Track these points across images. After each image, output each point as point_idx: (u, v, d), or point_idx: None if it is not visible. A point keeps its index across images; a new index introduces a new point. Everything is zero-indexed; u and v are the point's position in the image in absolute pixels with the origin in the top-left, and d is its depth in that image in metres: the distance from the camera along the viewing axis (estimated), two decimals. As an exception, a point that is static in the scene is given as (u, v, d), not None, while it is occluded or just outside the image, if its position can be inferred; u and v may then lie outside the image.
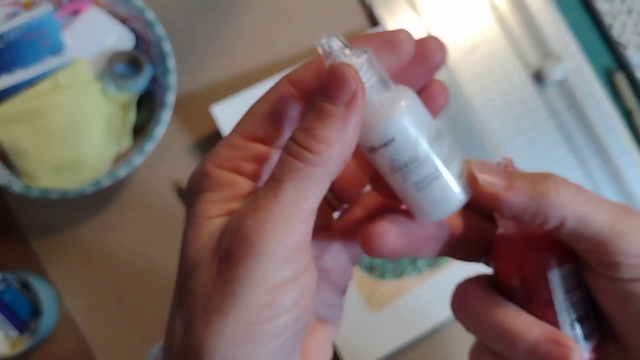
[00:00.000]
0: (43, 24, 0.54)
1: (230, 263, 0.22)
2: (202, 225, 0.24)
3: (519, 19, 0.65)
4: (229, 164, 0.25)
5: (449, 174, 0.25)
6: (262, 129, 0.25)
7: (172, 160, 0.59)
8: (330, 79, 0.23)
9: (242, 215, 0.23)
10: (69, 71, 0.54)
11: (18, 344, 0.55)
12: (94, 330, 0.58)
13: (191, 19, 0.62)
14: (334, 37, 0.24)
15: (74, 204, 0.58)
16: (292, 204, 0.23)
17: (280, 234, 0.22)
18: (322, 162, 0.23)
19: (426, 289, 0.59)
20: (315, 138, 0.23)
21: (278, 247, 0.22)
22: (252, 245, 0.22)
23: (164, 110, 0.53)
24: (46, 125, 0.54)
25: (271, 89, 0.26)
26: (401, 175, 0.25)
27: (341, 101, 0.23)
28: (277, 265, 0.22)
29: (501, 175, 0.25)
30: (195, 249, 0.24)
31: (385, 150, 0.24)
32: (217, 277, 0.23)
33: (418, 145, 0.24)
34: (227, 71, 0.62)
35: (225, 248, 0.23)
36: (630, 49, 0.67)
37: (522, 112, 0.64)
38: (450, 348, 0.61)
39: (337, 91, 0.23)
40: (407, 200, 0.26)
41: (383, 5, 0.64)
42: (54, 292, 0.57)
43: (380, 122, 0.24)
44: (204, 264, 0.23)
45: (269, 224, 0.22)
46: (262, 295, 0.22)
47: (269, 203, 0.23)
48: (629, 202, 0.64)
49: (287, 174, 0.23)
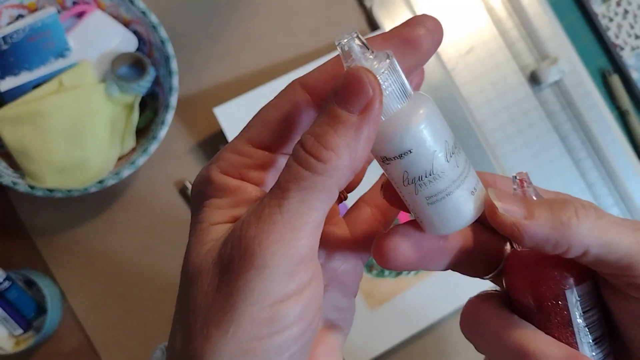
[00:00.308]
0: (47, 26, 0.54)
1: (231, 275, 0.21)
2: (206, 231, 0.23)
3: (515, 21, 0.66)
4: (234, 171, 0.24)
5: (462, 190, 0.24)
6: (271, 136, 0.24)
7: (175, 161, 0.60)
8: (347, 83, 0.21)
9: (245, 224, 0.22)
10: (73, 73, 0.55)
11: (22, 341, 0.55)
12: (97, 329, 0.58)
13: (194, 21, 0.62)
14: (355, 37, 0.22)
15: (78, 204, 0.59)
16: (297, 215, 0.21)
17: (283, 246, 0.21)
18: (329, 172, 0.21)
19: (424, 287, 0.60)
20: (324, 145, 0.21)
21: (281, 260, 0.21)
22: (253, 258, 0.21)
23: (167, 112, 0.54)
24: (50, 126, 0.54)
25: (282, 93, 0.24)
26: (413, 188, 0.23)
27: (356, 108, 0.21)
28: (279, 279, 0.21)
29: (520, 203, 0.24)
30: (198, 256, 0.23)
31: (400, 161, 0.23)
32: (218, 288, 0.22)
33: (435, 159, 0.23)
34: (229, 73, 0.62)
35: (226, 258, 0.22)
36: (625, 51, 0.68)
37: (518, 113, 0.65)
38: (448, 345, 0.61)
39: (352, 97, 0.21)
40: (416, 213, 0.25)
41: (382, 9, 0.64)
42: (57, 290, 0.58)
43: (397, 133, 0.22)
44: (205, 273, 0.22)
45: (272, 235, 0.21)
46: (263, 310, 0.21)
47: (273, 213, 0.21)
48: (624, 202, 0.65)
49: (293, 183, 0.21)
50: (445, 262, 0.27)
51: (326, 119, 0.22)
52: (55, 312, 0.56)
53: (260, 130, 0.24)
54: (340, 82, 0.22)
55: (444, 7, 0.65)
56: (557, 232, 0.23)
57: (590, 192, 0.65)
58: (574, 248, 0.23)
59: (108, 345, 0.58)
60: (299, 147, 0.22)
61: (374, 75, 0.21)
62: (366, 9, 0.65)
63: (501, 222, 0.24)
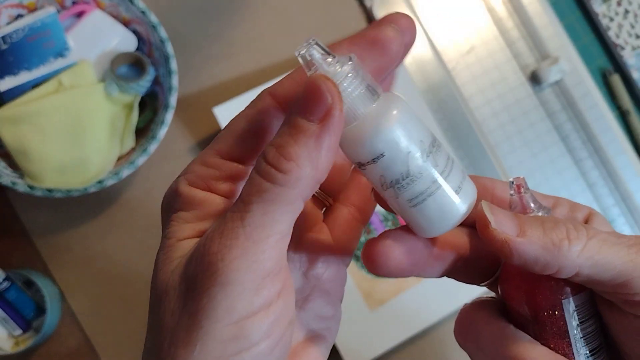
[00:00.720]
0: (47, 26, 0.54)
1: (195, 293, 0.21)
2: (173, 247, 0.23)
3: (516, 21, 0.66)
4: (202, 183, 0.24)
5: (445, 190, 0.23)
6: (240, 147, 0.24)
7: (174, 161, 0.60)
8: (306, 92, 0.21)
9: (208, 240, 0.21)
10: (73, 73, 0.55)
11: (21, 342, 0.55)
12: (96, 329, 0.58)
13: (194, 21, 0.62)
14: (314, 45, 0.22)
15: (77, 204, 0.59)
16: (260, 229, 0.21)
17: (246, 261, 0.21)
18: (291, 183, 0.21)
19: (424, 287, 0.60)
20: (284, 156, 0.21)
21: (245, 275, 0.21)
22: (216, 274, 0.21)
23: (166, 111, 0.54)
24: (50, 126, 0.54)
25: (251, 103, 0.24)
26: (393, 192, 0.23)
27: (316, 117, 0.21)
28: (244, 295, 0.21)
29: (513, 219, 0.24)
30: (165, 274, 0.22)
31: (375, 166, 0.22)
32: (184, 307, 0.21)
33: (410, 161, 0.22)
34: (228, 73, 0.62)
35: (191, 276, 0.21)
36: (626, 51, 0.68)
37: (519, 113, 0.65)
38: (447, 346, 0.61)
39: (311, 106, 0.21)
40: (402, 216, 0.24)
41: (382, 8, 0.64)
42: (57, 290, 0.58)
43: (368, 137, 0.22)
44: (172, 291, 0.22)
45: (235, 250, 0.21)
46: (228, 327, 0.21)
47: (235, 227, 0.21)
48: (624, 202, 0.65)
49: (254, 195, 0.21)
50: (439, 269, 0.27)
51: (287, 129, 0.21)
52: (55, 312, 0.55)
53: (229, 142, 0.24)
54: (301, 91, 0.21)
55: (444, 6, 0.65)
56: (548, 253, 0.23)
57: (591, 192, 0.65)
58: (565, 270, 0.23)
59: (107, 346, 0.58)
60: (261, 159, 0.21)
61: (332, 83, 0.21)
62: (366, 9, 0.65)
63: (492, 237, 0.23)
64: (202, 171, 0.24)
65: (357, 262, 0.59)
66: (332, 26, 0.64)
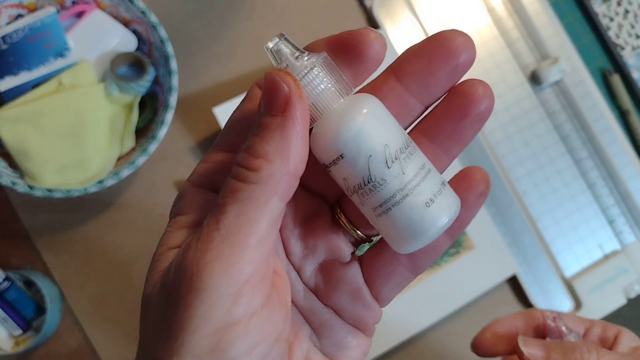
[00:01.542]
0: (47, 26, 0.54)
1: (173, 302, 0.20)
2: (162, 256, 0.22)
3: (516, 21, 0.66)
4: (206, 180, 0.23)
5: (413, 201, 0.21)
6: (240, 141, 0.23)
7: (174, 161, 0.60)
8: (264, 88, 0.21)
9: (186, 246, 0.21)
10: (73, 72, 0.55)
11: (21, 342, 0.55)
12: (96, 329, 0.58)
13: (193, 21, 0.62)
14: (282, 40, 0.22)
15: (77, 204, 0.59)
16: (235, 230, 0.20)
17: (221, 263, 0.19)
18: (263, 179, 0.20)
19: (424, 287, 0.60)
20: (253, 154, 0.20)
21: (221, 279, 0.19)
22: (191, 280, 0.20)
23: (166, 112, 0.54)
24: (50, 126, 0.54)
25: (245, 97, 0.24)
26: (358, 198, 0.22)
27: (277, 110, 0.20)
28: (222, 302, 0.19)
29: (541, 347, 0.33)
30: (150, 284, 0.22)
31: (337, 168, 0.22)
32: (163, 317, 0.21)
33: (371, 165, 0.21)
34: (229, 73, 0.62)
35: (169, 284, 0.21)
36: (626, 51, 0.68)
37: (519, 113, 0.65)
38: (447, 346, 0.61)
39: (270, 100, 0.21)
40: (375, 227, 0.23)
41: (382, 8, 0.64)
42: (57, 291, 0.58)
43: (328, 135, 0.21)
44: (153, 302, 0.21)
45: (209, 253, 0.20)
46: (205, 339, 0.19)
47: (211, 231, 0.20)
48: (624, 202, 0.65)
49: (228, 197, 0.20)
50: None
51: (254, 130, 0.21)
52: (55, 312, 0.55)
53: (229, 136, 0.24)
54: (262, 90, 0.21)
55: (444, 6, 0.65)
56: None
57: (591, 192, 0.65)
58: None
59: (107, 346, 0.58)
60: (235, 164, 0.21)
61: (286, 72, 0.21)
62: (366, 9, 0.65)
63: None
64: (205, 168, 0.23)
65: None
66: (332, 26, 0.64)
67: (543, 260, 0.63)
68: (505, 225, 0.63)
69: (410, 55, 0.23)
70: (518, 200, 0.64)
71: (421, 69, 0.23)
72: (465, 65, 0.23)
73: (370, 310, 0.26)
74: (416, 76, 0.23)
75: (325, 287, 0.25)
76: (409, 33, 0.64)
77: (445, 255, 0.60)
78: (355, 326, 0.26)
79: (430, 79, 0.23)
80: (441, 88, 0.23)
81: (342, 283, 0.25)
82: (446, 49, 0.23)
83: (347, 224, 0.25)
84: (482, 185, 0.24)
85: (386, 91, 0.23)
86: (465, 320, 0.62)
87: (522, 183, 0.64)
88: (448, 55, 0.23)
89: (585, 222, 0.64)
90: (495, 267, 0.61)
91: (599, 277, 0.63)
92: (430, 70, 0.23)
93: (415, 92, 0.23)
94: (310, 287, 0.25)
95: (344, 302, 0.25)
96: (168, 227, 0.23)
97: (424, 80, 0.23)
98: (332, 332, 0.25)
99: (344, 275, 0.25)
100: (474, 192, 0.24)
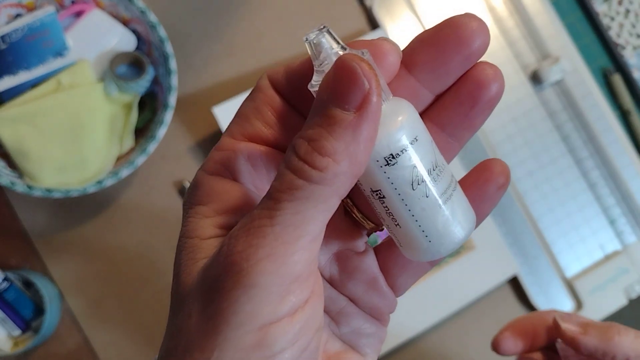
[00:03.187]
0: (46, 26, 0.54)
1: (216, 295, 0.19)
2: (197, 248, 0.22)
3: (516, 21, 0.66)
4: (219, 167, 0.23)
5: (436, 217, 0.21)
6: (249, 126, 0.23)
7: (174, 161, 0.60)
8: (338, 76, 0.19)
9: (233, 238, 0.20)
10: (72, 72, 0.55)
11: (20, 342, 0.55)
12: (96, 329, 0.58)
13: (193, 21, 0.62)
14: (325, 32, 0.20)
15: (76, 204, 0.58)
16: (290, 228, 0.19)
17: (274, 263, 0.19)
18: (327, 180, 0.19)
19: (424, 288, 0.59)
20: (319, 151, 0.19)
21: (272, 279, 0.19)
22: (240, 275, 0.19)
23: (165, 111, 0.54)
24: (49, 125, 0.54)
25: (255, 88, 0.23)
26: (425, 188, 0.21)
27: (352, 105, 0.19)
28: (270, 300, 0.19)
29: (578, 323, 0.36)
30: (188, 275, 0.21)
31: (406, 156, 0.20)
32: (203, 309, 0.20)
33: (435, 150, 0.21)
34: (228, 73, 0.62)
35: (212, 277, 0.20)
36: (627, 50, 0.68)
37: (519, 113, 0.65)
38: (448, 346, 0.61)
39: (346, 93, 0.19)
40: (417, 223, 0.22)
41: (382, 8, 0.64)
42: (56, 291, 0.57)
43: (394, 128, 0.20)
44: (193, 293, 0.20)
45: (261, 250, 0.19)
46: (250, 334, 0.19)
47: (263, 225, 0.19)
48: (625, 202, 0.65)
49: (286, 193, 0.19)
50: None
51: (319, 120, 0.19)
52: (54, 312, 0.55)
53: (239, 124, 0.23)
54: (330, 75, 0.19)
55: (445, 5, 0.65)
56: (604, 343, 0.34)
57: (592, 192, 0.65)
58: (618, 356, 0.34)
59: (107, 346, 0.58)
60: (292, 154, 0.20)
61: (368, 64, 0.19)
62: (366, 8, 0.65)
63: (564, 335, 0.36)
64: (218, 155, 0.23)
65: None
66: (332, 26, 0.64)
67: (544, 260, 0.63)
68: (506, 225, 0.63)
69: (421, 44, 0.22)
70: (519, 200, 0.63)
71: (433, 59, 0.22)
72: (480, 52, 0.22)
73: (386, 299, 0.26)
74: (427, 66, 0.22)
75: (340, 276, 0.25)
76: (409, 32, 0.64)
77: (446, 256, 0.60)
78: (371, 315, 0.26)
79: (443, 68, 0.22)
80: (454, 77, 0.23)
81: (357, 272, 0.25)
82: (459, 36, 0.22)
83: (359, 215, 0.25)
84: (502, 177, 0.24)
85: (396, 83, 0.23)
86: (465, 320, 0.62)
87: (523, 183, 0.64)
88: (461, 42, 0.22)
89: (586, 222, 0.64)
90: (496, 268, 0.61)
91: (600, 278, 0.63)
92: (443, 60, 0.22)
93: (427, 82, 0.23)
94: (325, 277, 0.25)
95: (359, 291, 0.25)
96: (190, 218, 0.22)
97: (435, 70, 0.22)
98: (349, 320, 0.25)
99: (359, 264, 0.25)
100: (494, 184, 0.23)
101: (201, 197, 0.22)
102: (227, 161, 0.23)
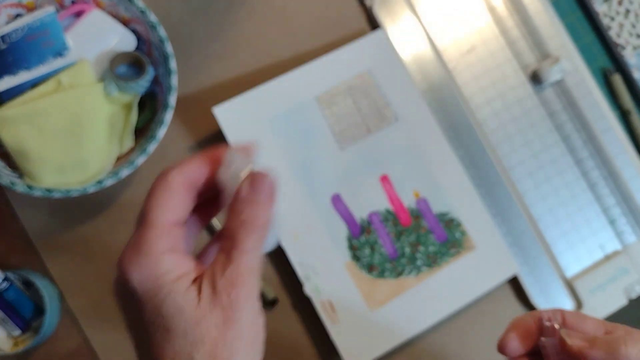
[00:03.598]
0: (46, 26, 0.54)
1: (169, 335, 0.31)
2: (158, 258, 0.34)
3: (516, 20, 0.66)
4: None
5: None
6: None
7: (174, 161, 0.60)
8: None
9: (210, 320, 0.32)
10: (72, 72, 0.55)
11: (20, 342, 0.55)
12: (96, 329, 0.58)
13: (193, 20, 0.62)
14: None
15: (76, 204, 0.58)
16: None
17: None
18: None
19: (425, 288, 0.59)
20: None
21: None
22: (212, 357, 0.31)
23: (166, 111, 0.54)
24: (49, 125, 0.54)
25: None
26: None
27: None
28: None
29: (584, 339, 0.36)
30: (141, 277, 0.33)
31: None
32: (154, 322, 0.32)
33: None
34: (228, 73, 0.62)
35: (169, 318, 0.32)
36: (627, 50, 0.68)
37: (519, 113, 0.65)
38: (448, 347, 0.61)
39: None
40: None
41: (383, 8, 0.64)
42: (56, 291, 0.57)
43: None
44: (149, 303, 0.32)
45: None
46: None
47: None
48: (625, 202, 0.65)
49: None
50: None
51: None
52: (54, 313, 0.55)
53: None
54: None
55: (445, 5, 0.65)
56: (610, 355, 0.35)
57: (592, 192, 0.65)
58: None
59: (107, 347, 0.58)
60: None
61: None
62: (366, 8, 0.65)
63: (571, 350, 0.36)
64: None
65: (357, 263, 0.59)
66: (332, 26, 0.64)
67: (544, 260, 0.63)
68: (505, 225, 0.63)
69: None
70: (519, 200, 0.63)
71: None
72: None
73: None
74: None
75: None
76: (409, 33, 0.64)
77: (446, 256, 0.60)
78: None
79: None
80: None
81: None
82: None
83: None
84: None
85: None
86: (465, 321, 0.62)
87: (523, 183, 0.64)
88: None
89: (586, 222, 0.64)
90: (496, 268, 0.61)
91: (600, 278, 0.63)
92: None
93: None
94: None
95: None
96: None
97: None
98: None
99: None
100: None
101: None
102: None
